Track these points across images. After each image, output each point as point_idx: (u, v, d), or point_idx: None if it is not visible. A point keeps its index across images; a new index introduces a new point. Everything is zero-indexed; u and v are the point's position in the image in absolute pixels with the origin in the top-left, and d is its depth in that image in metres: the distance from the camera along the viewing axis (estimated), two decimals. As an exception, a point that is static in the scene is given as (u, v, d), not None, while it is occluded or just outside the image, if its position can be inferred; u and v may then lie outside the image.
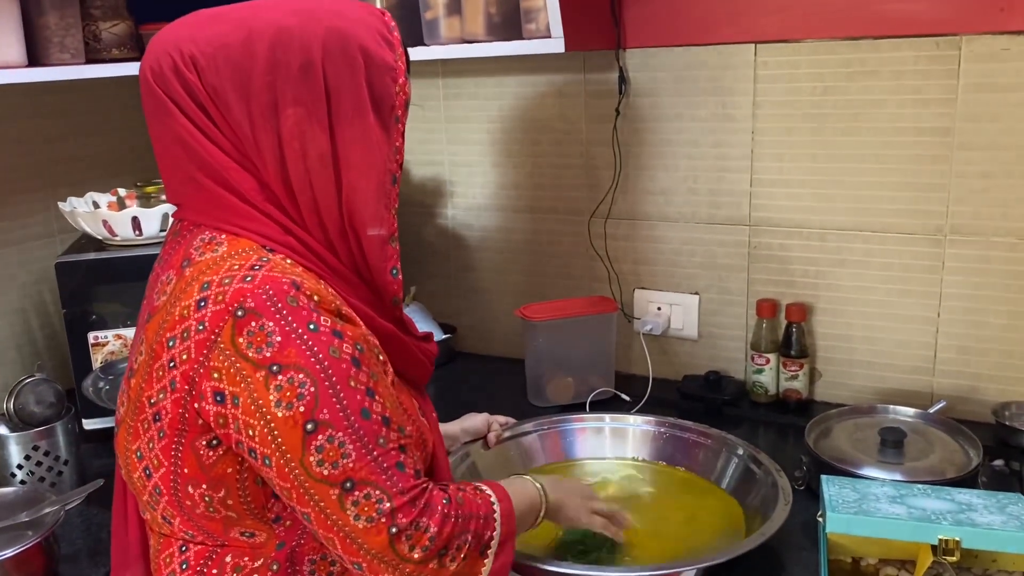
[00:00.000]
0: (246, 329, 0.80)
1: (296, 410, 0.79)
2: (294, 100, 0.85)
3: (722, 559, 1.07)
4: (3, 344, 1.69)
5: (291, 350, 0.80)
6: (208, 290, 0.82)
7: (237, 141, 0.86)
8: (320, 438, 0.80)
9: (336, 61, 0.86)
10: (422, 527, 0.83)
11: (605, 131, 1.70)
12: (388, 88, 0.90)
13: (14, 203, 1.69)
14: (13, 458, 1.36)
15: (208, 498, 0.85)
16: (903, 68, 1.45)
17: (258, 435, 0.80)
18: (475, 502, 0.91)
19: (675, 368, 1.75)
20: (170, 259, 0.91)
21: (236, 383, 0.80)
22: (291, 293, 0.82)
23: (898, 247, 1.52)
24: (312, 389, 0.80)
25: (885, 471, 1.25)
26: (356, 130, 0.88)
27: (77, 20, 1.51)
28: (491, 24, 1.52)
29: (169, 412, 0.83)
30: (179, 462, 0.85)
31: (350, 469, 0.81)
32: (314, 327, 0.82)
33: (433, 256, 1.98)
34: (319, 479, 0.80)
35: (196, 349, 0.81)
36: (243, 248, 0.86)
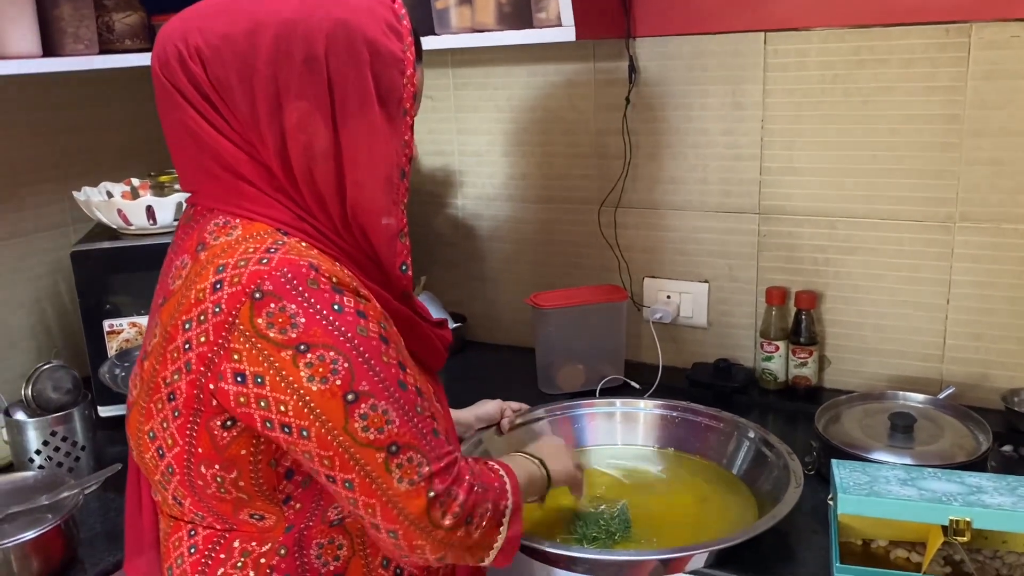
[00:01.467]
0: (265, 310, 0.80)
1: (332, 383, 0.81)
2: (298, 93, 0.85)
3: (733, 542, 1.08)
4: (20, 332, 1.71)
5: (317, 330, 0.81)
6: (223, 272, 0.83)
7: (243, 131, 0.86)
8: (363, 406, 0.82)
9: (340, 54, 0.85)
10: (453, 495, 0.86)
11: (615, 120, 1.71)
12: (395, 80, 0.89)
13: (30, 193, 1.71)
14: (32, 443, 1.38)
15: (220, 478, 0.86)
16: (913, 56, 1.45)
17: (292, 409, 0.81)
18: (489, 475, 0.95)
19: (685, 356, 1.76)
20: (184, 243, 0.91)
21: (258, 363, 0.81)
22: (311, 276, 0.82)
23: (908, 234, 1.52)
24: (346, 365, 0.81)
25: (895, 455, 1.26)
26: (361, 124, 0.87)
27: (91, 11, 1.52)
28: (501, 13, 1.53)
29: (184, 392, 0.84)
30: (194, 441, 0.85)
31: (395, 434, 0.83)
32: (338, 308, 0.82)
33: (443, 246, 1.99)
34: (365, 443, 0.82)
35: (214, 331, 0.82)
36: (258, 231, 0.86)
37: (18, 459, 1.40)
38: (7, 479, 1.28)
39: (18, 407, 1.43)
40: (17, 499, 1.22)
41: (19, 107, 1.67)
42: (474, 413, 1.39)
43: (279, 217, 0.87)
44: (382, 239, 0.91)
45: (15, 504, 1.21)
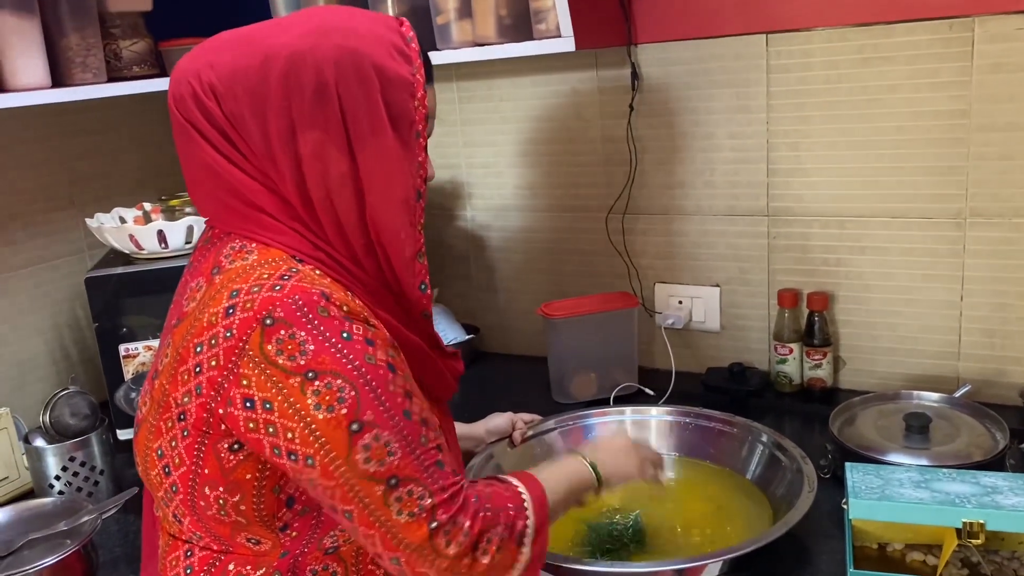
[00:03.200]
0: (275, 337, 0.81)
1: (339, 412, 0.81)
2: (310, 123, 0.86)
3: (747, 550, 1.07)
4: (38, 358, 1.73)
5: (325, 357, 0.81)
6: (237, 298, 0.83)
7: (260, 164, 0.87)
8: (367, 437, 0.81)
9: (350, 82, 0.86)
10: (459, 523, 0.85)
11: (619, 127, 1.71)
12: (406, 104, 0.90)
13: (44, 221, 1.73)
14: (51, 469, 1.40)
15: (222, 501, 0.87)
16: (917, 52, 1.44)
17: (299, 437, 0.81)
18: (503, 495, 0.92)
19: (698, 361, 1.75)
20: (200, 265, 0.93)
21: (267, 389, 0.81)
22: (321, 304, 0.83)
23: (918, 232, 1.51)
24: (353, 394, 0.81)
25: (911, 457, 1.25)
26: (375, 150, 0.88)
27: (98, 40, 1.54)
28: (502, 26, 1.54)
29: (193, 414, 0.85)
30: (200, 462, 0.86)
31: (395, 467, 0.82)
32: (347, 336, 0.83)
33: (454, 258, 2.00)
34: (365, 476, 0.82)
35: (224, 356, 0.82)
36: (273, 258, 0.87)
37: (38, 485, 1.42)
38: (26, 506, 1.30)
39: (37, 434, 1.46)
40: (36, 525, 1.24)
41: (31, 137, 1.70)
42: (484, 427, 1.38)
43: (295, 245, 0.88)
44: (401, 261, 0.91)
45: (34, 531, 1.22)
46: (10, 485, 1.45)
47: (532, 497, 0.94)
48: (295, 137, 0.86)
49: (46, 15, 1.46)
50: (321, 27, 0.88)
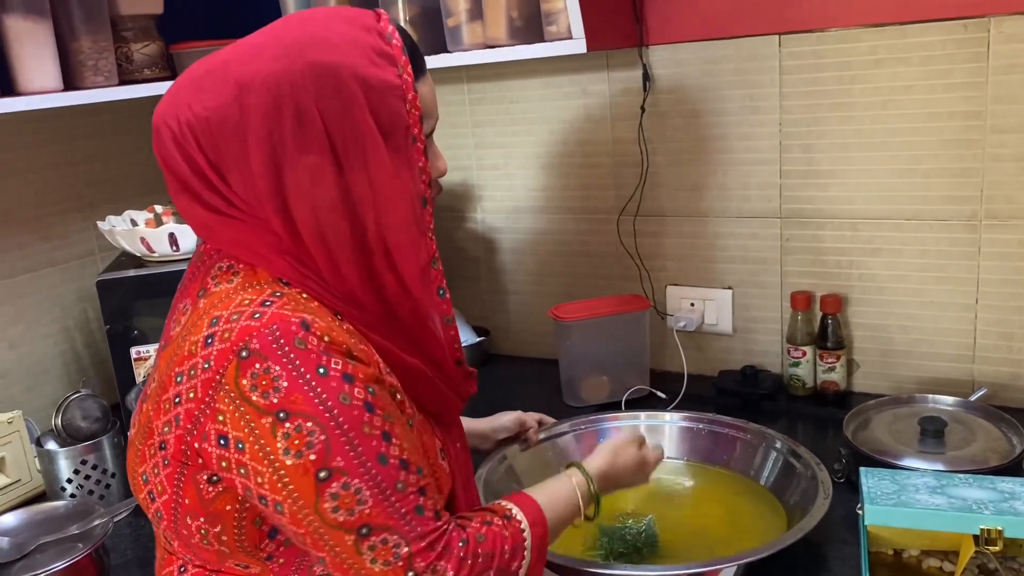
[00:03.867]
0: (250, 371, 0.77)
1: (307, 458, 0.77)
2: (295, 153, 0.81)
3: (762, 555, 1.07)
4: (50, 361, 1.73)
5: (298, 396, 0.77)
6: (216, 326, 0.80)
7: (249, 208, 0.83)
8: (335, 485, 0.77)
9: (331, 100, 0.81)
10: (439, 571, 0.80)
11: (631, 129, 1.70)
12: (397, 110, 0.84)
13: (56, 224, 1.74)
14: (63, 472, 1.40)
15: (204, 531, 0.84)
16: (931, 53, 1.43)
17: (267, 482, 0.78)
18: (501, 535, 0.87)
19: (710, 364, 1.74)
20: (190, 285, 0.90)
21: (240, 428, 0.78)
22: (299, 335, 0.78)
23: (933, 234, 1.50)
24: (322, 438, 0.77)
25: (926, 461, 1.24)
26: (369, 168, 0.83)
27: (109, 43, 1.54)
28: (513, 28, 1.53)
29: (172, 446, 0.82)
30: (181, 492, 0.83)
31: (366, 515, 0.78)
32: (323, 371, 0.78)
33: (464, 260, 2.00)
34: (334, 525, 0.78)
35: (202, 388, 0.79)
36: (258, 281, 0.84)
37: (50, 488, 1.42)
38: (39, 509, 1.30)
39: (49, 437, 1.46)
40: (49, 528, 1.24)
41: (43, 140, 1.70)
42: (491, 425, 1.36)
43: (282, 267, 0.84)
44: (415, 273, 0.87)
45: (46, 534, 1.22)
46: (22, 488, 1.45)
47: (533, 535, 0.90)
48: (280, 171, 0.81)
49: (58, 18, 1.46)
50: (294, 44, 0.82)
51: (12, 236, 1.66)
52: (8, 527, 1.25)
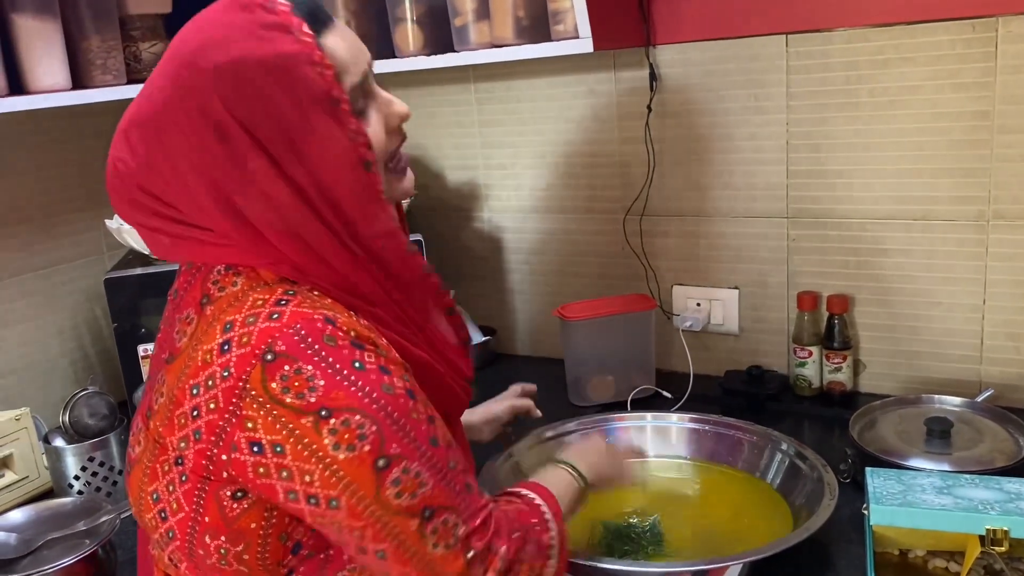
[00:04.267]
0: (279, 373, 0.75)
1: (361, 451, 0.75)
2: (233, 167, 0.77)
3: (767, 553, 1.07)
4: (58, 359, 1.74)
5: (339, 393, 0.75)
6: (231, 331, 0.77)
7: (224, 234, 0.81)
8: (395, 471, 0.76)
9: (236, 102, 0.76)
10: (494, 550, 0.81)
11: (637, 128, 1.70)
12: (303, 78, 0.78)
13: (65, 222, 1.74)
14: (70, 469, 1.41)
15: (224, 551, 0.80)
16: (939, 52, 1.43)
17: (318, 479, 0.75)
18: (525, 511, 0.89)
19: (716, 364, 1.74)
20: (188, 294, 0.87)
21: (275, 431, 0.75)
22: (327, 331, 0.76)
23: (940, 234, 1.50)
24: (374, 428, 0.76)
25: (932, 462, 1.24)
26: (299, 148, 0.78)
27: (118, 42, 1.55)
28: (520, 27, 1.53)
29: (192, 460, 0.79)
30: (201, 510, 0.80)
31: (428, 496, 0.78)
32: (360, 365, 0.77)
33: (471, 259, 2.00)
34: (398, 511, 0.77)
35: (224, 398, 0.76)
36: (264, 280, 0.81)
37: (57, 484, 1.43)
38: (46, 505, 1.30)
39: (56, 433, 1.47)
40: (56, 525, 1.25)
41: (51, 139, 1.71)
42: (481, 417, 1.33)
43: (283, 261, 0.81)
44: (380, 242, 0.83)
45: (54, 530, 1.23)
46: (30, 485, 1.46)
47: (551, 509, 0.91)
48: (230, 196, 0.78)
49: (67, 17, 1.47)
50: (183, 61, 0.78)
51: (21, 234, 1.67)
52: (16, 523, 1.26)
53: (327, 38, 0.81)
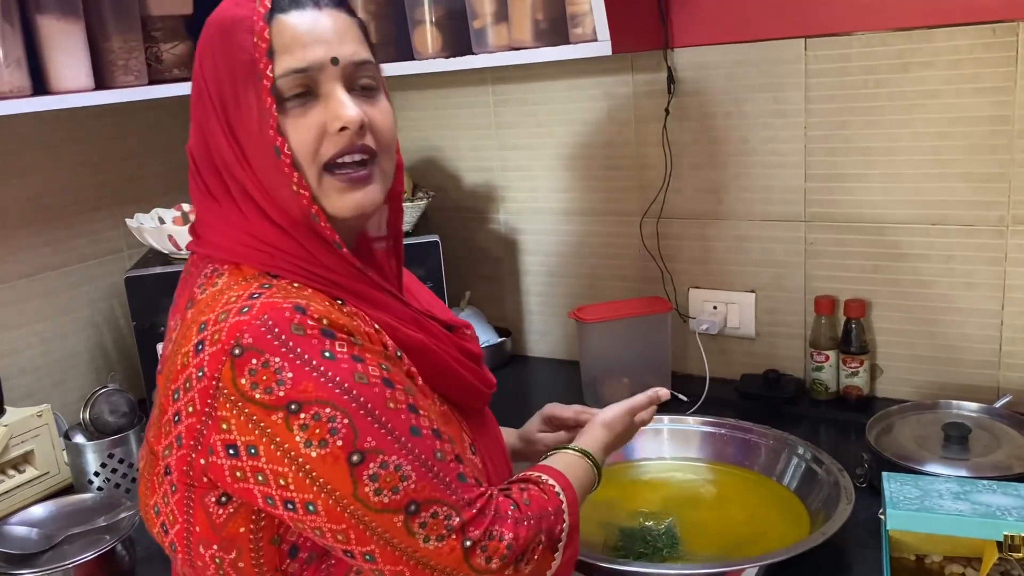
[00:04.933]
0: (247, 368, 0.72)
1: (333, 445, 0.72)
2: (202, 117, 0.83)
3: (783, 557, 1.07)
4: (78, 356, 1.76)
5: (308, 384, 0.72)
6: (205, 331, 0.75)
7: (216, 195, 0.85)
8: (372, 466, 0.73)
9: (201, 59, 0.82)
10: (496, 535, 0.77)
11: (655, 131, 1.71)
12: (243, 43, 0.78)
13: (85, 221, 1.76)
14: (90, 465, 1.42)
15: (219, 560, 0.78)
16: (958, 57, 1.42)
17: (293, 482, 0.72)
18: (542, 498, 0.85)
19: (733, 367, 1.74)
20: (178, 302, 0.87)
21: (249, 431, 0.72)
22: (295, 320, 0.74)
23: (959, 239, 1.49)
24: (346, 421, 0.72)
25: (949, 467, 1.23)
26: (235, 116, 0.80)
27: (139, 43, 1.56)
28: (538, 30, 1.54)
29: (175, 468, 0.77)
30: (191, 519, 0.78)
31: (412, 491, 0.74)
32: (329, 355, 0.74)
33: (486, 261, 2.00)
34: (379, 509, 0.73)
35: (200, 399, 0.74)
36: (244, 277, 0.80)
37: (78, 481, 1.44)
38: (67, 501, 1.32)
39: (77, 430, 1.48)
40: (76, 521, 1.26)
41: (73, 138, 1.73)
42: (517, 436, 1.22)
43: (266, 260, 0.81)
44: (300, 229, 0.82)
45: (74, 526, 1.24)
46: (50, 480, 1.47)
47: (568, 499, 0.87)
48: (205, 141, 0.82)
49: (90, 18, 1.48)
50: None
51: (43, 232, 1.69)
52: (37, 518, 1.27)
53: (290, 16, 0.80)
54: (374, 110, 0.84)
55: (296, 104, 0.80)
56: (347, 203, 0.82)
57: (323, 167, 0.81)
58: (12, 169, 1.63)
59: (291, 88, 0.79)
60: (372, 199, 0.84)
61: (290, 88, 0.79)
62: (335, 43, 0.81)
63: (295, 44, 0.79)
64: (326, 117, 0.80)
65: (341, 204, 0.82)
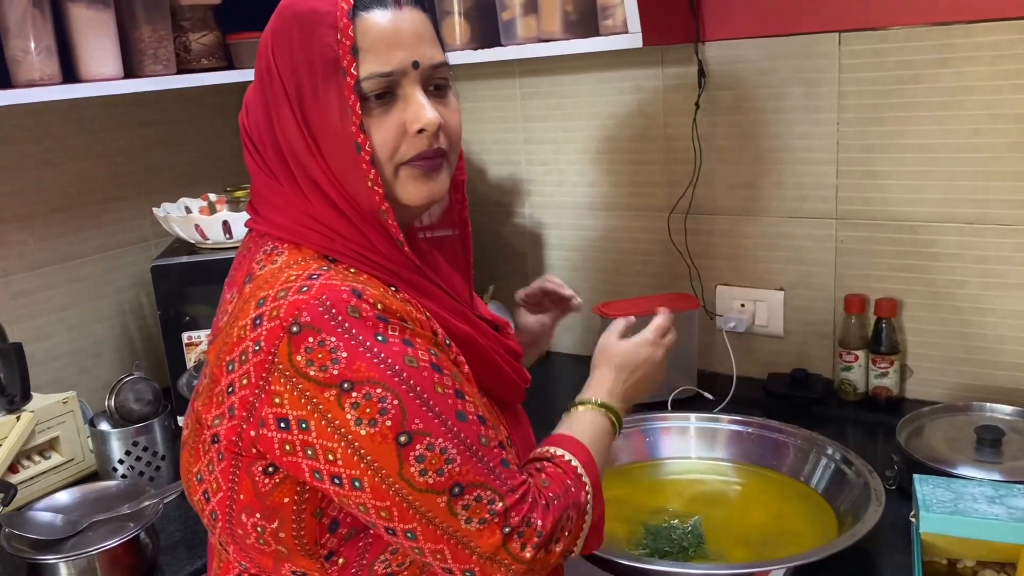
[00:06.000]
0: (303, 346, 0.74)
1: (383, 425, 0.74)
2: (272, 100, 0.83)
3: (812, 559, 1.05)
4: (104, 344, 1.77)
5: (361, 364, 0.74)
6: (264, 306, 0.77)
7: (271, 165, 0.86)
8: (419, 447, 0.75)
9: (276, 44, 0.83)
10: (532, 523, 0.79)
11: (684, 125, 1.69)
12: (325, 39, 0.80)
13: (112, 210, 1.77)
14: (115, 453, 1.42)
15: (260, 528, 0.80)
16: (997, 52, 1.39)
17: (342, 457, 0.75)
18: (559, 474, 0.86)
19: (760, 366, 1.72)
20: (236, 275, 0.88)
21: (301, 406, 0.75)
22: (352, 303, 0.76)
23: (994, 239, 1.46)
24: (396, 402, 0.74)
25: (982, 471, 1.21)
26: (311, 106, 0.81)
27: (168, 32, 1.57)
28: (567, 22, 1.52)
29: (224, 437, 0.79)
30: (236, 487, 0.80)
31: (456, 473, 0.76)
32: (382, 338, 0.76)
33: (511, 255, 1.99)
34: (424, 489, 0.75)
35: (255, 372, 0.76)
36: (303, 257, 0.82)
37: (102, 468, 1.45)
38: (91, 488, 1.32)
39: (102, 417, 1.48)
40: (100, 508, 1.26)
41: (101, 127, 1.74)
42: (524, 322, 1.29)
43: (324, 243, 0.83)
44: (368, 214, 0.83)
45: (99, 513, 1.25)
46: (75, 467, 1.48)
47: (583, 462, 0.88)
48: (271, 126, 0.83)
49: (120, 8, 1.48)
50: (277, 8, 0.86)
51: (70, 221, 1.69)
52: (62, 504, 1.27)
53: (373, 15, 0.82)
54: (446, 110, 0.87)
55: (377, 104, 0.82)
56: (421, 192, 0.85)
57: (399, 164, 0.84)
58: (41, 157, 1.64)
59: (373, 89, 0.81)
60: (442, 188, 0.87)
61: (372, 89, 0.81)
62: (416, 46, 0.83)
63: (379, 45, 0.81)
64: (405, 118, 0.83)
65: (416, 192, 0.85)
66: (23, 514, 1.25)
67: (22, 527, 1.20)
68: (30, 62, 1.37)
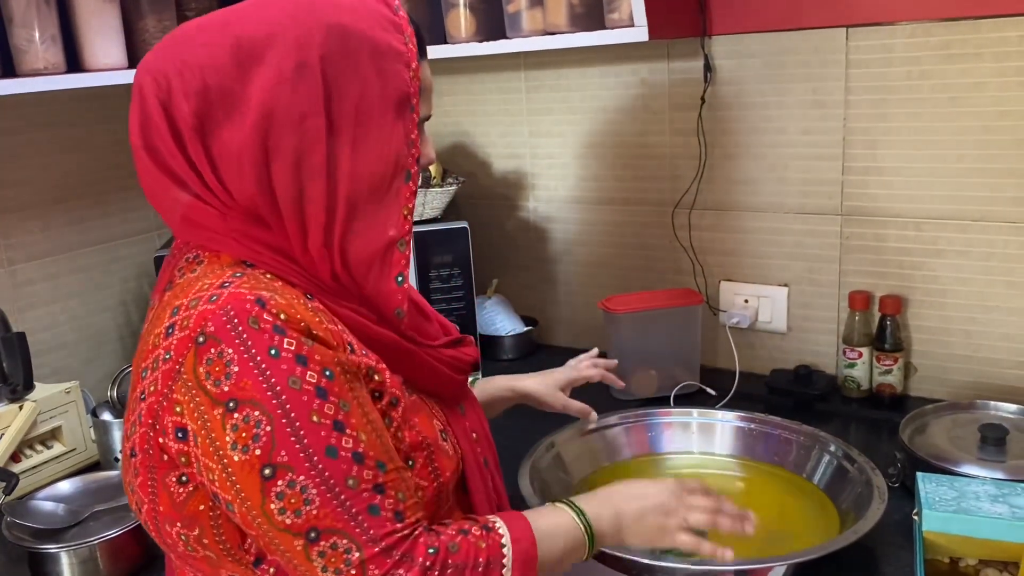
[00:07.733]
0: (206, 357, 0.73)
1: (252, 453, 0.72)
2: (291, 106, 0.77)
3: (813, 556, 1.05)
4: (106, 335, 1.77)
5: (247, 382, 0.72)
6: (177, 315, 0.76)
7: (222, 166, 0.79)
8: (280, 483, 0.72)
9: (336, 58, 0.79)
10: None
11: (690, 120, 1.68)
12: (400, 76, 0.83)
13: (116, 200, 1.77)
14: (117, 443, 1.43)
15: (184, 536, 0.79)
16: (1006, 48, 1.38)
17: (218, 479, 0.74)
18: (476, 547, 0.80)
19: (763, 362, 1.71)
20: (159, 284, 0.88)
21: (195, 419, 0.74)
22: (253, 312, 0.74)
23: (1000, 236, 1.45)
24: (268, 428, 0.72)
25: (986, 469, 1.20)
26: (360, 130, 0.80)
27: (173, 23, 1.56)
28: (573, 15, 1.52)
29: (138, 448, 0.78)
30: (156, 498, 0.79)
31: (314, 517, 0.73)
32: (275, 352, 0.73)
33: (515, 249, 1.99)
34: (282, 528, 0.73)
35: (162, 380, 0.75)
36: (220, 265, 0.80)
37: (104, 458, 1.45)
38: (93, 478, 1.32)
39: (104, 407, 1.49)
40: (102, 498, 1.26)
41: (104, 117, 1.73)
42: (544, 382, 1.28)
43: (244, 249, 0.80)
44: (374, 248, 0.82)
45: (100, 502, 1.25)
46: (77, 457, 1.48)
47: (515, 552, 0.81)
48: (271, 128, 0.77)
49: (125, -3, 1.48)
50: (302, 4, 0.80)
51: (74, 211, 1.69)
52: (64, 494, 1.28)
53: (423, 65, 0.87)
54: None
55: None
56: None
57: None
58: (45, 147, 1.64)
59: (420, 125, 0.87)
60: None
61: (420, 125, 0.87)
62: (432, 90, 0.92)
63: (428, 92, 0.89)
64: (424, 151, 0.89)
65: None
66: (25, 503, 1.25)
67: (24, 516, 1.21)
68: (34, 51, 1.37)
